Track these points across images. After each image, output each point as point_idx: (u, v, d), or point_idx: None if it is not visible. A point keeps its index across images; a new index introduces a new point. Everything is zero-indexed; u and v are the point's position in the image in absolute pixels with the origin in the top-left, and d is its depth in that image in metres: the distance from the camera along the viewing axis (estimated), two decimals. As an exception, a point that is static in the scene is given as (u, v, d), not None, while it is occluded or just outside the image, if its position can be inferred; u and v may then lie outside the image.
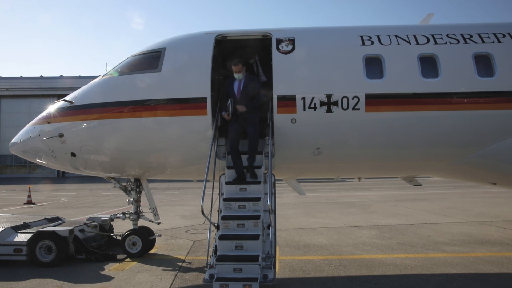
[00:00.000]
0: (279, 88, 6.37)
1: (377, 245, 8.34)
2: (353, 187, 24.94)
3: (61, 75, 52.26)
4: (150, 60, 6.83)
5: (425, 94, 6.30)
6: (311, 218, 12.51)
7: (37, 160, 7.64)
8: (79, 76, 47.74)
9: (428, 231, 9.89)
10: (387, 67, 6.38)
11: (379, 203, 16.42)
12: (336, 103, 6.29)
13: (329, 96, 6.29)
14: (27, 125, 7.59)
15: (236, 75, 6.44)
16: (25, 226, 7.58)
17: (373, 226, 10.69)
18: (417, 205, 15.26)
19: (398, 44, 6.54)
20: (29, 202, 18.24)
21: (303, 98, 6.30)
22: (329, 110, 6.30)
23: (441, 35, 6.58)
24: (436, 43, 6.51)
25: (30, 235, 7.07)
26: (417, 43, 6.53)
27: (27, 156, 7.71)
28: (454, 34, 6.59)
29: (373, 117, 6.32)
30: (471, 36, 6.57)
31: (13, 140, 7.72)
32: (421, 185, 8.61)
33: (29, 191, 19.36)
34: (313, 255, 7.65)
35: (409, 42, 6.55)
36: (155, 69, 6.69)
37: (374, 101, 6.29)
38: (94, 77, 7.53)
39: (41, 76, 52.02)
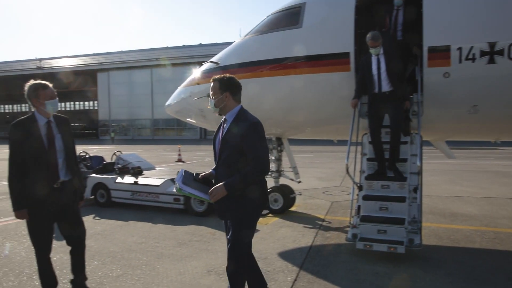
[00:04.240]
0: (431, 38, 5.64)
1: (544, 220, 7.21)
2: (505, 156, 21.78)
3: (200, 43, 56.43)
4: (290, 17, 6.68)
5: None
6: (456, 186, 11.40)
7: (188, 120, 8.22)
8: (216, 43, 50.76)
9: None
10: None
11: (542, 174, 14.13)
12: (501, 53, 5.34)
13: (492, 45, 5.37)
14: (179, 86, 8.10)
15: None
16: (180, 179, 8.47)
17: (537, 199, 9.25)
18: None
19: None
20: (179, 160, 20.41)
21: (459, 49, 5.50)
22: (491, 61, 5.38)
23: None
24: None
25: (185, 186, 7.90)
26: None
27: (179, 115, 8.32)
28: None
29: (551, 67, 5.25)
30: None
31: (168, 102, 8.34)
32: None
33: (179, 150, 21.69)
34: (462, 224, 6.98)
35: None
36: (295, 26, 6.52)
37: (554, 47, 5.21)
38: (231, 43, 7.66)
39: (183, 45, 56.92)
